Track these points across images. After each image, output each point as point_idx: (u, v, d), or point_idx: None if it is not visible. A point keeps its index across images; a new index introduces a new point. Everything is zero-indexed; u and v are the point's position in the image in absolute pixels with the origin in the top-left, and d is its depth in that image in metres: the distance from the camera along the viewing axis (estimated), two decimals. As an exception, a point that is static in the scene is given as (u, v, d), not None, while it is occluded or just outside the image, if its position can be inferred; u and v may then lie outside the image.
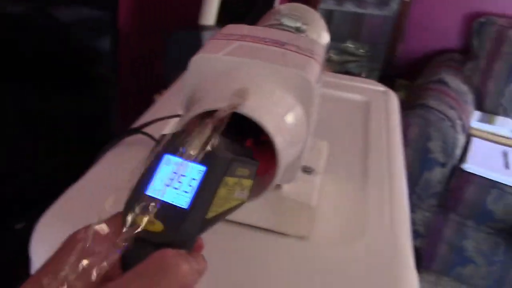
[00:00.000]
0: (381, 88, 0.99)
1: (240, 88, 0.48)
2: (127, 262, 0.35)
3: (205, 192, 0.37)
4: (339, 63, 2.50)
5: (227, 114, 0.44)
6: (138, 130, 0.70)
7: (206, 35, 1.55)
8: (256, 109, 0.46)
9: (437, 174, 1.92)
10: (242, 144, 0.49)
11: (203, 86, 0.52)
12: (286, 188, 0.59)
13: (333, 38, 2.57)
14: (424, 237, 2.08)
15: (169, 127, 0.76)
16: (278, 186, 0.59)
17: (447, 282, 2.13)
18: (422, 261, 2.11)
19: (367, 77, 2.49)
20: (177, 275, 0.34)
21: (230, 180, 0.40)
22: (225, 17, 1.80)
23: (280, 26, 0.65)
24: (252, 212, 0.60)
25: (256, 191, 0.51)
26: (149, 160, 0.39)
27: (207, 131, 0.40)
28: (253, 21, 0.71)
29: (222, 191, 0.39)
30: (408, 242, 0.63)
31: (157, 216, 0.36)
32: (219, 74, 0.52)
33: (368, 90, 0.98)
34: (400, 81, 2.58)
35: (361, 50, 2.55)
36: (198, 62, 0.53)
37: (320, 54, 0.58)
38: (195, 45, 1.70)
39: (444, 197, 1.98)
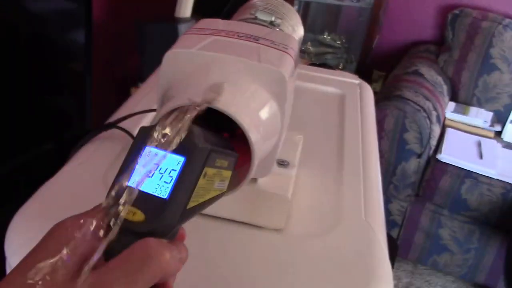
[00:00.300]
0: (355, 80, 1.00)
1: (214, 83, 0.49)
2: (109, 251, 0.35)
3: (184, 182, 0.38)
4: (316, 55, 2.51)
5: (202, 108, 0.45)
6: (113, 125, 0.70)
7: (182, 27, 1.55)
8: (231, 104, 0.47)
9: (413, 165, 1.95)
10: (221, 136, 0.50)
11: (177, 81, 0.53)
12: (262, 181, 0.60)
13: (310, 30, 2.57)
14: (401, 227, 2.11)
15: (145, 122, 0.76)
16: (254, 180, 0.60)
17: (424, 270, 2.17)
18: (398, 250, 2.14)
19: (344, 68, 2.51)
20: (160, 263, 0.34)
21: (209, 170, 0.41)
22: (201, 9, 1.80)
23: (255, 20, 0.66)
24: (228, 205, 0.61)
25: (232, 184, 0.51)
26: (130, 152, 0.39)
27: (186, 122, 0.41)
28: (230, 14, 0.72)
29: (202, 182, 0.39)
30: (382, 233, 0.65)
31: (138, 206, 0.36)
32: (193, 70, 0.52)
33: (343, 82, 0.98)
34: (377, 72, 2.61)
35: (338, 42, 2.56)
36: (172, 58, 0.53)
37: (294, 48, 0.59)
38: (171, 38, 1.70)
39: (420, 187, 2.01)
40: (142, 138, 0.40)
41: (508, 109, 2.18)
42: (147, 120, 0.77)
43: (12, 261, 0.56)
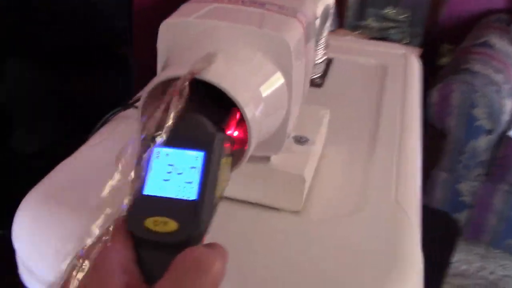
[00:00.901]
0: (400, 51, 0.92)
1: (207, 54, 0.45)
2: (147, 271, 0.32)
3: (209, 177, 0.34)
4: (379, 30, 2.40)
5: (187, 80, 0.41)
6: (131, 105, 0.68)
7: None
8: (222, 75, 0.42)
9: (483, 142, 1.83)
10: (213, 110, 0.46)
11: (175, 53, 0.49)
12: (275, 159, 0.55)
13: (372, 5, 2.47)
14: (472, 208, 1.99)
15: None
16: (267, 159, 0.55)
17: (497, 254, 2.04)
18: (460, 232, 2.02)
19: (409, 43, 2.39)
20: (213, 275, 0.31)
21: (223, 160, 0.37)
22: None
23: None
24: (242, 186, 0.57)
25: (235, 163, 0.47)
26: (138, 157, 0.36)
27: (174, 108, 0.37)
28: None
29: (220, 173, 0.36)
30: (416, 216, 0.58)
31: (167, 214, 0.33)
32: (190, 40, 0.48)
33: (386, 53, 0.91)
34: (444, 46, 2.46)
35: (402, 16, 2.44)
36: (167, 28, 0.49)
37: (307, 14, 0.53)
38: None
39: (491, 166, 1.88)
40: (149, 140, 0.36)
41: None
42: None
43: (18, 246, 0.55)
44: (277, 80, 0.48)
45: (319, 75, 0.82)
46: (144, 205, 0.33)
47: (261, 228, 0.55)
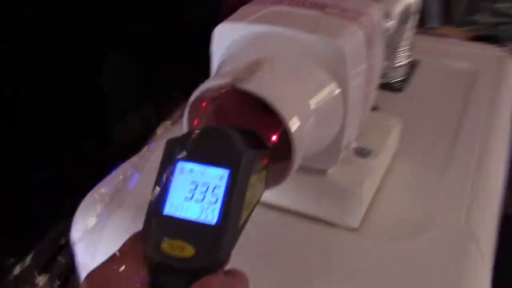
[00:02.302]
0: (496, 53, 0.84)
1: (252, 61, 0.42)
2: None
3: (233, 199, 0.31)
4: (488, 26, 2.23)
5: (226, 89, 0.39)
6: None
7: None
8: (265, 85, 0.40)
9: None
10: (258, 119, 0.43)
11: (226, 58, 0.47)
12: (333, 173, 0.52)
13: (481, -2, 2.25)
14: None
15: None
16: (323, 171, 0.52)
17: None
18: None
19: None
20: None
21: (253, 178, 0.34)
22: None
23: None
24: (297, 196, 0.54)
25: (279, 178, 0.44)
26: (161, 171, 0.33)
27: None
28: None
29: (248, 193, 0.33)
30: (489, 241, 0.53)
31: (185, 238, 0.31)
32: (243, 45, 0.46)
33: (478, 56, 0.83)
34: None
35: (517, 10, 2.25)
36: (221, 32, 0.47)
37: (373, 16, 0.49)
38: None
39: None
40: (172, 153, 0.33)
41: None
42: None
43: (78, 246, 0.56)
44: (330, 89, 0.44)
45: (400, 79, 0.77)
46: (162, 227, 0.31)
47: (314, 243, 0.52)
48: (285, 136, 0.41)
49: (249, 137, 0.36)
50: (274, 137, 0.43)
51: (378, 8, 0.51)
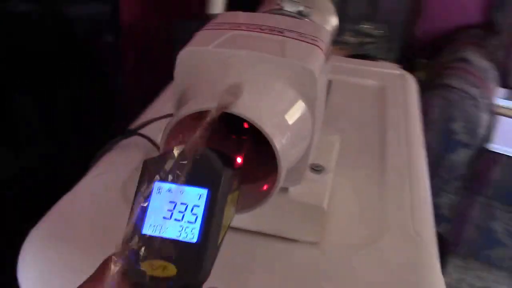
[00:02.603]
0: (396, 71, 0.92)
1: (231, 84, 0.43)
2: None
3: (213, 218, 0.32)
4: (356, 45, 2.42)
5: (217, 115, 0.39)
6: (134, 132, 0.65)
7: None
8: (250, 107, 0.41)
9: (461, 156, 1.85)
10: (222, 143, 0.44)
11: (193, 83, 0.47)
12: (293, 190, 0.53)
13: (348, 20, 2.48)
14: (450, 221, 2.01)
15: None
16: (285, 189, 0.53)
17: (476, 265, 2.06)
18: (449, 247, 2.05)
19: (386, 58, 2.41)
20: None
21: (229, 197, 0.34)
22: (236, 5, 1.74)
23: (281, 11, 0.59)
24: (259, 218, 0.55)
25: (258, 198, 0.45)
26: (138, 191, 0.33)
27: (196, 142, 0.35)
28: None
29: (225, 212, 0.33)
30: (433, 242, 0.57)
31: (166, 257, 0.30)
32: (209, 70, 0.47)
33: (383, 74, 0.91)
34: (420, 60, 2.49)
35: (378, 31, 2.46)
36: (186, 57, 0.47)
37: (325, 40, 0.52)
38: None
39: (470, 179, 1.91)
40: (149, 173, 0.33)
41: None
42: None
43: (25, 285, 0.52)
44: (302, 109, 0.46)
45: (319, 97, 0.81)
46: (142, 246, 0.31)
47: (279, 260, 0.53)
48: (253, 158, 0.42)
49: (222, 157, 0.36)
50: (239, 159, 0.44)
51: (326, 32, 0.54)
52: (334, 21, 0.69)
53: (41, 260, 0.52)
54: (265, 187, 0.44)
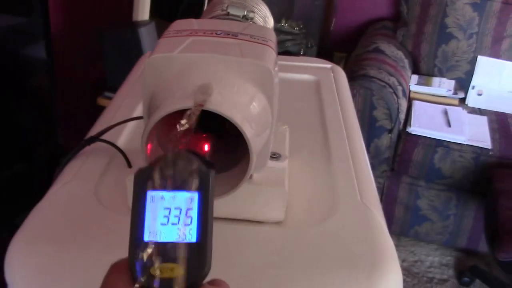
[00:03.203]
0: (327, 65, 1.01)
1: (202, 84, 0.48)
2: None
3: (205, 217, 0.35)
4: (278, 43, 2.50)
5: (197, 113, 0.44)
6: (96, 138, 0.69)
7: (142, 30, 1.53)
8: (221, 103, 0.46)
9: (385, 141, 1.98)
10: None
11: (162, 87, 0.52)
12: (256, 176, 0.59)
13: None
14: (381, 203, 2.14)
15: (128, 130, 0.75)
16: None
17: (407, 242, 2.21)
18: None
19: (305, 54, 2.52)
20: None
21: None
22: (157, 11, 1.77)
23: (227, 16, 0.65)
24: (226, 205, 0.60)
25: (230, 185, 0.51)
26: (134, 202, 0.36)
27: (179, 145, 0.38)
28: (185, 13, 0.70)
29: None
30: (379, 210, 0.65)
31: (173, 260, 0.34)
32: (177, 73, 0.51)
33: (315, 68, 0.99)
34: (337, 54, 2.62)
35: (296, 28, 2.57)
36: (154, 63, 0.52)
37: (273, 40, 0.58)
38: (133, 42, 1.66)
39: (394, 161, 2.04)
40: (141, 183, 0.36)
41: (469, 76, 2.23)
42: (128, 128, 0.75)
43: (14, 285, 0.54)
44: (262, 101, 0.52)
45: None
46: (147, 253, 0.34)
47: (248, 241, 0.59)
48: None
49: (200, 158, 0.39)
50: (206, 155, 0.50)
51: (273, 34, 0.60)
52: (271, 22, 0.76)
53: (27, 261, 0.55)
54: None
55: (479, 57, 2.20)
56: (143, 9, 1.57)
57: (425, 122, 2.00)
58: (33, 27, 1.21)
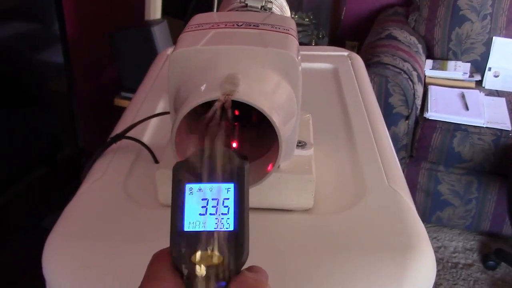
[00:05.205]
0: (344, 52, 1.00)
1: (228, 75, 0.48)
2: None
3: (243, 206, 0.36)
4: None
5: (228, 103, 0.44)
6: (122, 136, 0.69)
7: (155, 29, 1.53)
8: (249, 93, 0.47)
9: (402, 127, 1.97)
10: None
11: (188, 81, 0.52)
12: (284, 165, 0.60)
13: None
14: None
15: (152, 126, 0.75)
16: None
17: (429, 228, 2.20)
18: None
19: (316, 44, 2.52)
20: None
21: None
22: (168, 9, 1.78)
23: (246, 9, 0.65)
24: (254, 195, 0.60)
25: (257, 175, 0.51)
26: (173, 195, 0.37)
27: (219, 146, 0.39)
28: (196, 10, 0.71)
29: None
30: (407, 193, 0.65)
31: (213, 247, 0.35)
32: (202, 66, 0.52)
33: (332, 56, 0.99)
34: (349, 43, 2.61)
35: (306, 19, 2.56)
36: (179, 58, 0.52)
37: (294, 28, 0.58)
38: (146, 42, 1.66)
39: (412, 148, 2.03)
40: (179, 177, 0.37)
41: (484, 58, 2.21)
42: (152, 125, 0.76)
43: (54, 284, 0.55)
44: (287, 90, 0.52)
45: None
46: (188, 242, 0.35)
47: (279, 229, 0.59)
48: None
49: (234, 150, 0.40)
50: (234, 145, 0.50)
51: (294, 22, 0.60)
52: (288, 11, 0.76)
53: (64, 257, 0.56)
54: (269, 166, 0.50)
55: (494, 38, 2.18)
56: (155, 8, 1.58)
57: (442, 107, 1.99)
58: (49, 32, 1.23)
